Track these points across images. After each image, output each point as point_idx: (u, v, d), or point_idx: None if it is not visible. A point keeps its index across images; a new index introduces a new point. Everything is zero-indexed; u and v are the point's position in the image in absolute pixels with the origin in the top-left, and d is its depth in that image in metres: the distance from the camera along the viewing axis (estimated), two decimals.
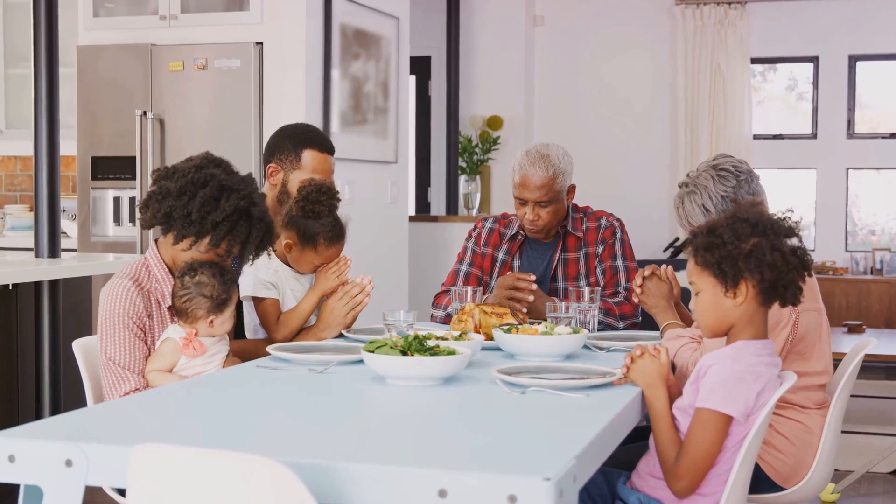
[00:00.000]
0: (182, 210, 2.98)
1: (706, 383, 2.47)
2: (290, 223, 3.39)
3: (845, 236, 9.04)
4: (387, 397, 2.58)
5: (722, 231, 2.53)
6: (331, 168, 3.74)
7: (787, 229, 2.56)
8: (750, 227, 2.52)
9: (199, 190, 2.98)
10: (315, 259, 3.41)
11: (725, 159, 3.40)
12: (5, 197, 7.58)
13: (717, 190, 3.31)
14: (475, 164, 8.90)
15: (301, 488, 1.75)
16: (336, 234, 3.42)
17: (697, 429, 2.45)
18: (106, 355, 2.98)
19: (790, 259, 2.51)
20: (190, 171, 3.01)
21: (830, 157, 9.02)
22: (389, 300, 6.67)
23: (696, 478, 2.47)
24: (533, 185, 3.85)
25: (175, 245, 3.04)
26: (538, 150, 3.91)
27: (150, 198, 3.04)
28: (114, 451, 1.99)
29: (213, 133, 5.83)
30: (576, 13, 9.37)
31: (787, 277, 2.52)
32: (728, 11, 8.93)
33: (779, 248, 2.51)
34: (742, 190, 3.31)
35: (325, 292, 3.41)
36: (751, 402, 2.46)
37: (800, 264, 2.53)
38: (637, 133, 9.26)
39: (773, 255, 2.50)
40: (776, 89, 9.44)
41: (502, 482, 1.80)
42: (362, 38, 6.40)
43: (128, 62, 5.97)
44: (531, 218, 3.89)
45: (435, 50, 9.34)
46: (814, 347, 3.15)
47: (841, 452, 5.77)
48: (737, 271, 2.51)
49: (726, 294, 2.53)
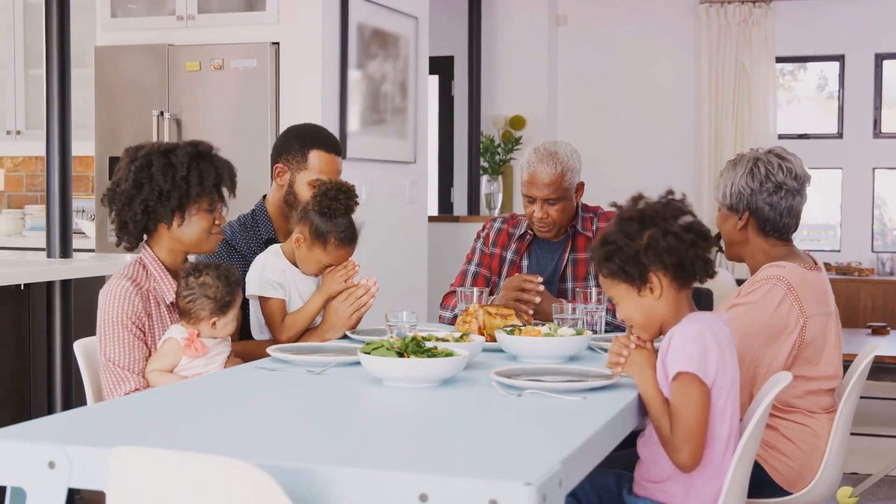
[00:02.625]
0: (152, 194, 3.02)
1: (671, 351, 2.48)
2: (305, 217, 3.37)
3: (871, 237, 8.95)
4: (382, 399, 2.56)
5: (614, 237, 2.55)
6: (338, 169, 3.71)
7: (674, 210, 2.55)
8: (637, 223, 2.53)
9: (150, 170, 3.03)
10: (323, 258, 3.38)
11: (778, 160, 3.28)
12: (26, 197, 7.62)
13: (738, 182, 3.25)
14: (497, 164, 8.87)
15: (278, 492, 1.73)
16: (348, 237, 3.40)
17: (675, 397, 2.46)
18: (105, 356, 2.98)
19: (685, 236, 2.51)
20: (128, 169, 3.06)
21: (856, 156, 8.94)
22: (408, 300, 6.66)
23: (695, 446, 2.45)
24: (541, 182, 3.82)
25: (173, 228, 3.07)
26: (546, 148, 3.88)
27: (120, 216, 3.08)
28: (96, 453, 1.98)
29: (229, 133, 5.83)
30: (599, 12, 9.33)
31: (690, 254, 2.51)
32: (752, 10, 8.86)
33: (670, 230, 2.51)
34: (759, 197, 3.22)
35: (331, 295, 3.38)
36: (711, 364, 2.44)
37: (697, 237, 2.53)
38: (660, 133, 9.21)
39: (666, 239, 2.50)
40: (807, 88, 9.36)
41: (483, 486, 1.78)
42: (380, 38, 6.38)
43: (145, 62, 5.98)
44: (540, 216, 3.86)
45: (458, 50, 9.32)
46: (822, 352, 3.11)
47: (860, 455, 5.74)
48: (641, 268, 2.52)
49: (641, 293, 2.54)
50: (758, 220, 3.22)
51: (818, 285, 3.15)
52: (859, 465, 5.54)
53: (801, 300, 3.05)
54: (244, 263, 3.49)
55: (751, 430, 2.43)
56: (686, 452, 2.45)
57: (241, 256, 3.57)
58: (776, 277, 3.07)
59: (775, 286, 3.06)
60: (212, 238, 3.15)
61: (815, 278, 3.14)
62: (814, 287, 3.12)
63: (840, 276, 8.62)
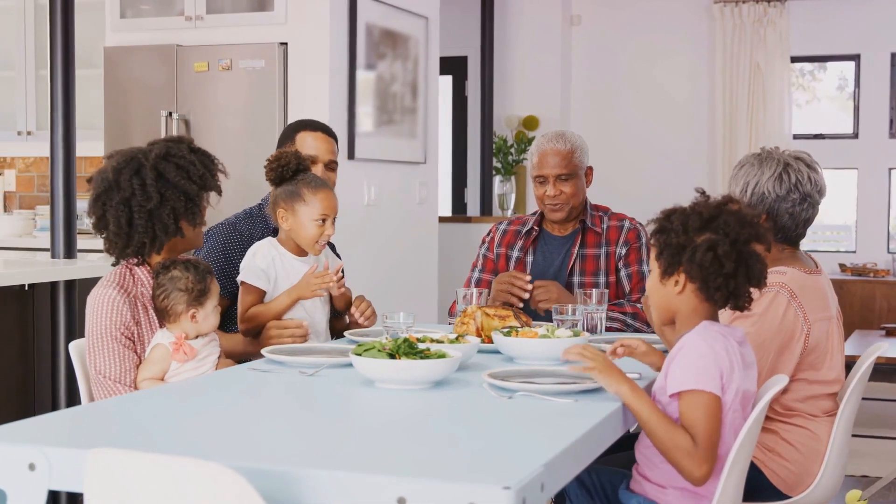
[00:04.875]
0: (179, 200, 2.99)
1: (679, 363, 2.43)
2: (274, 198, 3.40)
3: (887, 238, 8.89)
4: (372, 401, 2.54)
5: (675, 218, 2.52)
6: (328, 148, 3.78)
7: (746, 234, 2.48)
8: (701, 221, 2.49)
9: (164, 178, 2.99)
10: (311, 213, 3.35)
11: (808, 170, 3.21)
12: (38, 198, 7.63)
13: (764, 183, 3.19)
14: (510, 164, 8.85)
15: (253, 495, 1.72)
16: (317, 181, 3.41)
17: (689, 413, 2.38)
18: (96, 369, 2.93)
19: (725, 263, 2.44)
20: (133, 182, 2.98)
21: (872, 156, 8.87)
22: (418, 301, 6.64)
23: (714, 459, 2.38)
24: (552, 158, 3.92)
25: (194, 227, 3.07)
26: (554, 131, 4.04)
27: (145, 231, 3.00)
28: (76, 454, 1.96)
29: (237, 133, 5.83)
30: (613, 12, 9.29)
31: (717, 281, 2.46)
32: (767, 9, 8.81)
33: (715, 248, 2.44)
34: (783, 205, 3.17)
35: (301, 298, 3.37)
36: (716, 378, 2.38)
37: (737, 271, 2.46)
38: (675, 132, 9.17)
39: (705, 254, 2.44)
40: (827, 88, 9.29)
41: (462, 490, 1.76)
42: (390, 38, 6.36)
43: (154, 63, 5.98)
44: (552, 194, 3.92)
45: (472, 50, 9.31)
46: (825, 356, 3.07)
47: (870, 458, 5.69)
48: (674, 261, 2.50)
49: (663, 280, 2.53)
50: (773, 224, 3.16)
51: (819, 290, 3.11)
52: (869, 467, 5.49)
53: (805, 307, 3.02)
54: (244, 246, 3.53)
55: (745, 433, 2.40)
56: (708, 467, 2.37)
57: (241, 237, 3.63)
58: (779, 284, 3.03)
59: (779, 294, 3.02)
60: (199, 230, 3.14)
61: (815, 282, 3.11)
62: (815, 292, 3.08)
63: (855, 278, 8.56)
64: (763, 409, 2.45)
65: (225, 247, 3.62)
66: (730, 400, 2.43)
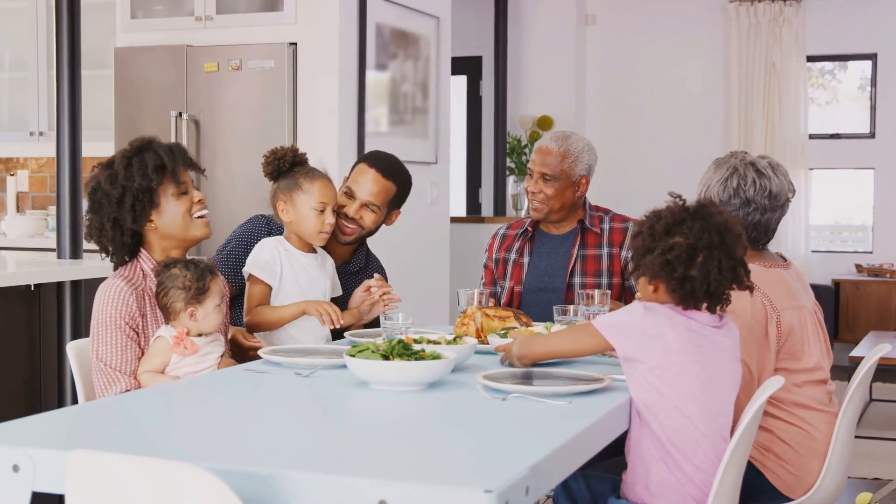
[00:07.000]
0: (111, 207, 3.03)
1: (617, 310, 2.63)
2: (274, 191, 3.45)
3: None
4: (365, 403, 2.53)
5: (646, 221, 2.59)
6: (372, 189, 3.74)
7: (711, 238, 2.51)
8: (666, 225, 2.54)
9: (100, 187, 3.04)
10: (310, 201, 3.39)
11: (754, 175, 3.17)
12: (50, 198, 7.65)
13: (713, 187, 3.18)
14: (524, 164, 8.83)
15: (232, 498, 1.70)
16: (313, 171, 3.45)
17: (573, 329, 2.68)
18: (97, 356, 2.97)
19: (677, 267, 2.50)
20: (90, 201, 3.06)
21: (889, 156, 8.81)
22: (430, 302, 6.62)
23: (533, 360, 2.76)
24: (542, 155, 3.90)
25: (153, 225, 3.07)
26: (562, 131, 4.00)
27: (102, 243, 3.07)
28: (59, 456, 1.95)
29: (247, 133, 5.83)
30: (628, 11, 9.26)
31: (671, 284, 2.52)
32: (783, 8, 8.76)
33: (667, 252, 2.51)
34: (727, 208, 3.12)
35: (307, 313, 3.39)
36: (628, 339, 2.50)
37: (691, 274, 2.50)
38: (689, 132, 9.12)
39: (657, 258, 2.52)
40: (848, 88, 9.23)
41: (443, 493, 1.74)
42: (400, 38, 6.35)
43: (164, 63, 5.99)
44: (533, 190, 3.89)
45: (486, 50, 9.29)
46: (803, 345, 3.06)
47: (882, 460, 5.64)
48: (639, 263, 2.58)
49: (639, 280, 2.62)
50: None
51: (781, 281, 3.09)
52: (881, 470, 5.44)
53: (769, 295, 3.00)
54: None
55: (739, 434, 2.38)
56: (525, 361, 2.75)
57: (271, 232, 3.63)
58: None
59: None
60: (197, 221, 3.12)
61: (776, 275, 3.09)
62: (777, 284, 3.06)
63: (872, 278, 8.50)
64: (757, 411, 2.43)
65: (258, 235, 3.63)
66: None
